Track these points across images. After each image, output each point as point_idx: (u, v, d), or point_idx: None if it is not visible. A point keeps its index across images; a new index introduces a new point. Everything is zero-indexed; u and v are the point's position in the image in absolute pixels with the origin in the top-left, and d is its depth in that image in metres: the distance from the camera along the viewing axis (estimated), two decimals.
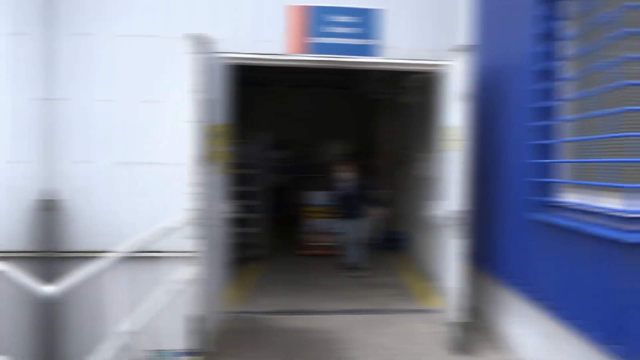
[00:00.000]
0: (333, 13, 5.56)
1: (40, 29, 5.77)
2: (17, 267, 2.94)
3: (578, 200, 3.27)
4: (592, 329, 2.98)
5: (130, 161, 5.80)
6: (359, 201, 7.24)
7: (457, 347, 4.40)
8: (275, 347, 4.66)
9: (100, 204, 5.83)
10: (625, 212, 2.70)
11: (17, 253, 5.59)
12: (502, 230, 4.45)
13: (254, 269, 7.85)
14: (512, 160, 4.24)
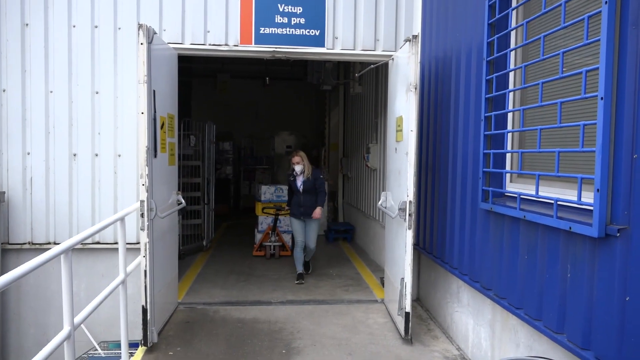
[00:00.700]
0: (280, 3, 5.48)
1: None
2: None
3: (524, 190, 3.38)
4: (537, 318, 3.10)
5: (75, 153, 5.60)
6: (310, 198, 6.58)
7: (406, 337, 4.47)
8: (221, 337, 4.60)
9: (45, 196, 5.65)
10: (571, 202, 2.82)
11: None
12: (451, 220, 4.55)
13: (200, 260, 7.72)
14: (461, 150, 4.34)
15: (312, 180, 6.57)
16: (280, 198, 8.28)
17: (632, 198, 2.32)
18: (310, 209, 6.53)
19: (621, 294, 2.37)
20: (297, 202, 6.62)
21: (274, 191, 8.45)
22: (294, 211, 6.66)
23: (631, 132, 2.32)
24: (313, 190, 6.58)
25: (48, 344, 2.73)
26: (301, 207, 6.57)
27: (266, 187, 8.60)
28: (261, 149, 15.51)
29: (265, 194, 8.49)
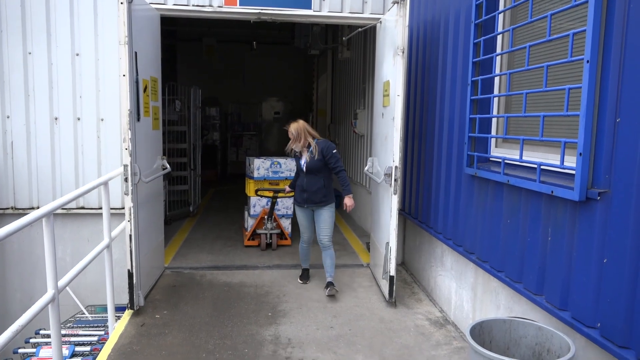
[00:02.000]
0: None
1: None
2: None
3: (508, 155, 3.39)
4: (517, 281, 3.16)
5: (57, 116, 5.50)
6: (317, 181, 4.78)
7: (390, 300, 4.55)
8: (207, 300, 4.65)
9: (27, 160, 5.59)
10: (554, 166, 2.83)
11: None
12: (436, 185, 4.57)
13: (187, 225, 7.72)
14: (448, 115, 4.32)
15: (320, 156, 4.71)
16: (277, 175, 6.56)
17: (614, 162, 2.34)
18: (318, 195, 4.78)
19: (599, 256, 2.41)
20: (301, 185, 4.88)
21: (269, 166, 6.53)
22: (296, 197, 4.97)
23: (615, 96, 2.32)
24: (323, 169, 4.78)
25: (32, 307, 2.73)
26: (305, 191, 4.82)
27: (260, 161, 6.55)
28: (248, 115, 15.34)
29: (258, 169, 6.52)
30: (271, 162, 6.57)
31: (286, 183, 5.79)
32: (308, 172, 4.77)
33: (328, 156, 4.71)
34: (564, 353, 2.39)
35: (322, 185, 4.76)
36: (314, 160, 4.72)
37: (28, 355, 3.91)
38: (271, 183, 6.50)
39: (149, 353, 3.68)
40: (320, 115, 12.39)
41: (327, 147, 4.73)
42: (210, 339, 3.91)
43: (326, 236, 4.85)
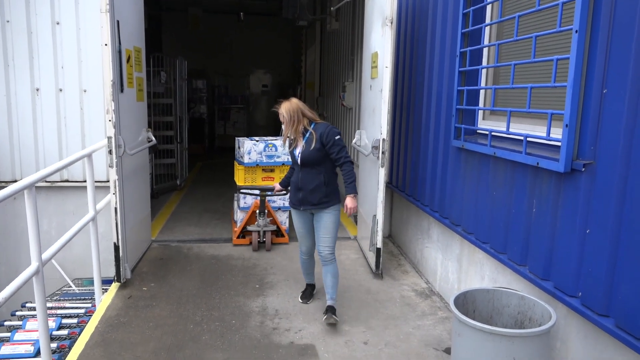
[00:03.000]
0: None
1: None
2: None
3: (495, 127, 3.39)
4: (501, 252, 3.19)
5: (38, 87, 5.38)
6: (314, 177, 3.68)
7: (376, 272, 4.59)
8: (195, 273, 4.66)
9: (8, 132, 5.49)
10: (540, 137, 2.83)
11: None
12: (424, 158, 4.57)
13: (174, 199, 7.69)
14: (436, 87, 4.29)
15: (318, 144, 3.62)
16: (273, 160, 5.45)
17: (600, 133, 2.34)
18: (317, 195, 3.67)
19: (582, 227, 2.44)
20: (295, 182, 3.78)
21: (263, 149, 5.40)
22: (291, 197, 3.89)
23: (603, 67, 2.31)
24: (323, 161, 3.67)
25: (16, 279, 2.71)
26: (300, 190, 3.73)
27: (251, 144, 5.38)
28: (236, 88, 15.16)
29: (249, 153, 5.38)
30: (265, 144, 5.38)
31: (284, 171, 5.07)
32: (304, 165, 3.66)
33: (329, 144, 3.56)
34: (546, 321, 2.44)
35: (322, 182, 3.63)
36: (310, 150, 3.60)
37: (14, 328, 3.91)
38: (265, 170, 5.46)
39: (137, 325, 3.69)
40: (309, 88, 12.28)
41: (327, 132, 3.58)
42: (197, 310, 3.93)
43: (327, 247, 3.71)
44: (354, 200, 3.60)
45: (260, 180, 5.44)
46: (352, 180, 3.60)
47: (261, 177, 5.47)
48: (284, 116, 3.68)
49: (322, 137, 3.61)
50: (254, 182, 5.42)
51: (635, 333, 2.08)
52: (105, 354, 3.30)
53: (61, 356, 3.41)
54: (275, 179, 5.43)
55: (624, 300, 2.15)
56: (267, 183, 5.39)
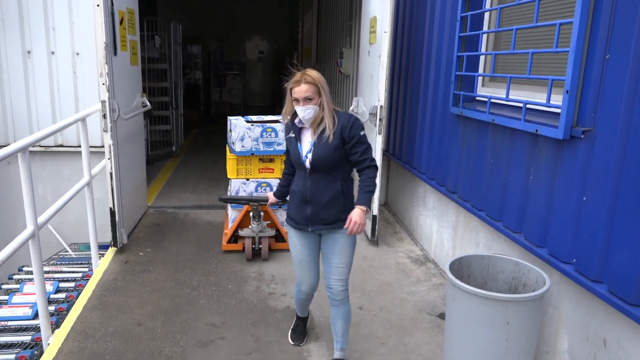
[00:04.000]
0: None
1: None
2: None
3: (495, 94, 3.35)
4: (497, 219, 3.20)
5: (29, 50, 5.26)
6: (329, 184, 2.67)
7: (372, 239, 4.62)
8: (191, 239, 4.69)
9: (0, 95, 5.36)
10: (540, 104, 2.80)
11: None
12: (421, 125, 4.54)
13: (170, 165, 7.66)
14: (435, 53, 4.22)
15: (337, 139, 2.60)
16: (272, 148, 4.40)
17: (600, 100, 2.31)
18: (333, 211, 2.68)
19: (579, 194, 2.44)
20: (301, 192, 2.73)
21: (260, 134, 4.33)
22: (291, 212, 2.82)
23: (607, 31, 2.26)
24: (341, 163, 2.67)
25: (11, 242, 2.71)
26: (309, 203, 2.71)
27: (245, 127, 4.32)
28: (232, 54, 14.93)
29: (243, 139, 4.32)
30: (262, 128, 4.31)
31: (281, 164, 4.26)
32: (315, 169, 2.62)
33: (352, 140, 2.57)
34: (540, 287, 2.47)
35: (340, 191, 2.65)
36: (326, 146, 2.57)
37: (12, 291, 3.93)
38: (262, 159, 4.48)
39: (134, 289, 3.72)
40: (306, 55, 12.09)
41: (351, 125, 2.58)
42: (194, 275, 3.96)
43: (341, 281, 2.71)
44: (363, 215, 2.52)
45: (257, 173, 4.49)
46: (372, 190, 2.59)
47: (258, 168, 4.46)
48: (316, 94, 2.53)
49: (343, 130, 2.55)
50: (248, 174, 4.48)
51: (627, 298, 2.11)
52: (102, 316, 3.33)
53: (59, 319, 3.45)
54: (276, 170, 4.51)
55: (618, 267, 2.17)
56: (266, 176, 4.51)
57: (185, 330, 3.21)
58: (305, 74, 2.54)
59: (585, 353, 2.45)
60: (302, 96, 2.51)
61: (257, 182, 4.49)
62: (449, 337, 2.59)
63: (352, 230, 2.52)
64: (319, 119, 2.59)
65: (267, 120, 4.55)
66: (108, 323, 3.26)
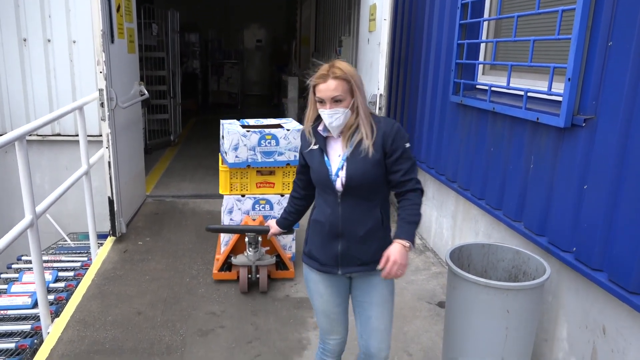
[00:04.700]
0: None
1: None
2: None
3: (495, 82, 3.33)
4: (497, 208, 3.19)
5: (25, 38, 5.21)
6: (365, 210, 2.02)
7: None
8: (190, 228, 4.68)
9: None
10: (541, 92, 2.79)
11: None
12: (421, 114, 4.52)
13: (168, 154, 7.63)
14: (435, 41, 4.19)
15: (378, 152, 1.96)
16: (272, 158, 3.67)
17: (602, 87, 2.30)
18: (372, 246, 2.04)
19: (580, 183, 2.43)
20: (329, 221, 2.05)
21: (257, 142, 3.63)
22: (314, 249, 2.12)
23: (609, 18, 2.24)
24: (380, 183, 2.02)
25: (10, 231, 2.70)
26: (339, 236, 2.05)
27: (239, 134, 3.60)
28: (229, 43, 14.83)
29: (237, 149, 3.62)
30: (260, 135, 3.59)
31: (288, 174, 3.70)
32: (350, 191, 2.00)
33: (395, 154, 1.97)
34: (540, 275, 2.47)
35: (380, 221, 2.05)
36: (365, 161, 1.96)
37: (11, 280, 3.93)
38: (261, 172, 3.74)
39: (133, 278, 3.72)
40: (304, 44, 12.01)
41: (395, 134, 1.97)
42: (193, 264, 3.96)
43: (385, 344, 2.17)
44: (405, 254, 1.91)
45: (254, 188, 3.74)
46: (417, 220, 2.01)
47: (255, 182, 3.74)
48: (346, 86, 1.92)
49: (385, 140, 1.95)
50: (244, 189, 3.72)
51: (627, 286, 2.11)
52: (102, 305, 3.33)
53: (59, 308, 3.45)
54: (277, 184, 3.78)
55: (619, 255, 2.17)
56: (265, 191, 3.77)
57: (185, 318, 3.21)
58: (333, 66, 1.93)
59: (585, 341, 2.45)
60: (328, 96, 1.89)
61: (254, 199, 3.74)
62: (449, 326, 2.60)
63: (391, 272, 1.88)
64: (353, 126, 1.97)
65: (266, 125, 3.80)
66: (108, 312, 3.26)
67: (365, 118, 1.97)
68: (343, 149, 2.02)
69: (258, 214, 3.77)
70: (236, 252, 3.65)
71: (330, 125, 1.96)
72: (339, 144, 2.03)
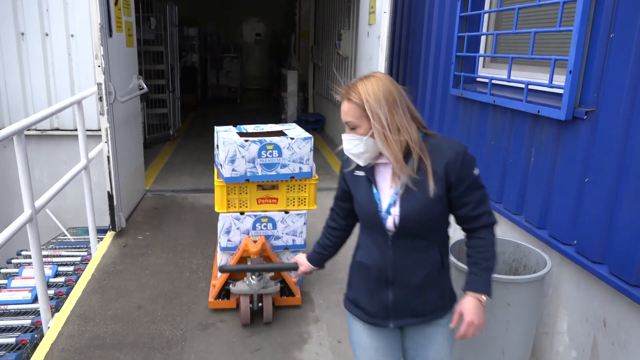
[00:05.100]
0: None
1: None
2: None
3: (496, 75, 3.31)
4: (497, 201, 3.18)
5: (23, 32, 5.18)
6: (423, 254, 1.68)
7: None
8: (190, 222, 4.68)
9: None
10: (542, 84, 2.77)
11: None
12: (420, 107, 4.49)
13: (167, 149, 7.62)
14: (435, 34, 4.17)
15: (441, 187, 1.59)
16: (273, 171, 3.18)
17: (604, 80, 2.28)
18: (432, 295, 1.72)
19: (581, 176, 2.42)
20: (376, 265, 1.71)
21: (257, 153, 3.12)
22: (360, 297, 1.81)
23: (611, 9, 2.22)
24: (441, 221, 1.70)
25: (9, 226, 2.69)
26: (390, 284, 1.71)
27: (235, 144, 3.08)
28: (229, 36, 14.77)
29: (233, 161, 3.10)
30: (261, 145, 3.10)
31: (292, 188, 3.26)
32: (404, 231, 1.65)
33: (463, 185, 1.62)
34: (540, 268, 2.46)
35: (439, 265, 1.72)
36: (424, 197, 1.61)
37: (11, 275, 3.93)
38: (262, 187, 3.24)
39: (133, 272, 3.72)
40: (303, 38, 11.95)
41: (462, 160, 1.61)
42: (193, 259, 3.96)
43: None
44: (481, 310, 1.64)
45: (254, 204, 3.25)
46: (492, 266, 1.69)
47: (256, 198, 3.25)
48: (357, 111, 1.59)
49: (449, 170, 1.59)
50: (243, 206, 3.23)
51: (629, 279, 2.10)
52: (102, 300, 3.33)
53: (59, 302, 3.44)
54: (280, 200, 3.27)
55: (620, 248, 2.16)
56: (267, 208, 3.27)
57: (185, 313, 3.21)
58: (353, 85, 1.59)
59: (585, 334, 2.45)
60: (343, 119, 1.63)
61: (255, 217, 3.25)
62: None
63: (467, 334, 1.62)
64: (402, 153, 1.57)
65: (267, 133, 3.31)
66: (108, 306, 3.26)
67: (413, 145, 1.57)
68: (394, 180, 1.62)
69: (259, 234, 3.28)
70: (233, 279, 3.19)
71: (349, 153, 1.65)
72: (389, 172, 1.64)
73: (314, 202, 3.41)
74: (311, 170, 3.28)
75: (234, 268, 3.14)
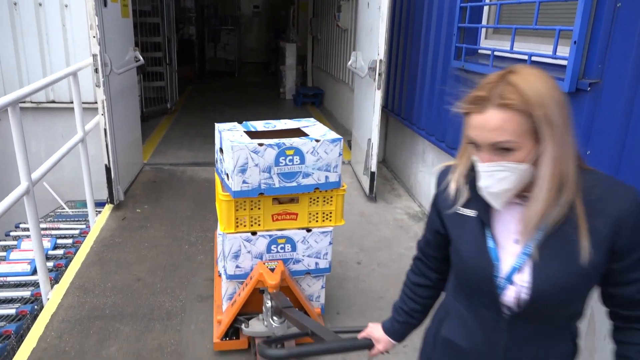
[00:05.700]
0: None
1: None
2: None
3: (498, 47, 3.26)
4: None
5: (15, 2, 5.07)
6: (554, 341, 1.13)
7: (370, 195, 4.60)
8: (188, 195, 4.67)
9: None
10: (545, 56, 2.73)
11: None
12: (421, 80, 4.44)
13: (165, 122, 7.56)
14: (437, 4, 4.09)
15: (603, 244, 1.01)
16: (295, 183, 2.47)
17: (609, 51, 2.24)
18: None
19: (583, 148, 2.39)
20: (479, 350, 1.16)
21: (274, 161, 2.38)
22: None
23: None
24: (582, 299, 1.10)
25: (6, 198, 2.67)
26: None
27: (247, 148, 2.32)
28: (226, 8, 14.51)
29: (246, 171, 2.36)
30: (279, 150, 2.39)
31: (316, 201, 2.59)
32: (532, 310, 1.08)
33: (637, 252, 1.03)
34: None
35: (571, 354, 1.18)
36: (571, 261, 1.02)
37: (10, 248, 3.93)
38: (279, 200, 2.56)
39: (132, 245, 3.72)
40: (302, 10, 11.74)
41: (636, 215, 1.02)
42: (192, 231, 3.96)
43: None
44: None
45: (269, 222, 2.56)
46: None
47: (271, 214, 2.56)
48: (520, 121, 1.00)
49: (618, 228, 1.03)
50: (256, 224, 2.53)
51: None
52: (102, 272, 3.34)
53: (58, 275, 3.45)
54: (301, 216, 2.60)
55: None
56: (285, 225, 2.59)
57: (184, 285, 3.22)
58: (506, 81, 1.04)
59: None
60: (486, 139, 1.04)
61: (270, 237, 2.56)
62: None
63: None
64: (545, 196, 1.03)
65: (281, 132, 2.64)
66: (107, 278, 3.27)
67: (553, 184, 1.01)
68: (524, 228, 1.06)
69: (276, 258, 2.59)
70: (245, 312, 2.55)
71: (487, 191, 1.06)
72: (518, 215, 1.09)
73: (342, 216, 2.72)
74: (339, 180, 2.58)
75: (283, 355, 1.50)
